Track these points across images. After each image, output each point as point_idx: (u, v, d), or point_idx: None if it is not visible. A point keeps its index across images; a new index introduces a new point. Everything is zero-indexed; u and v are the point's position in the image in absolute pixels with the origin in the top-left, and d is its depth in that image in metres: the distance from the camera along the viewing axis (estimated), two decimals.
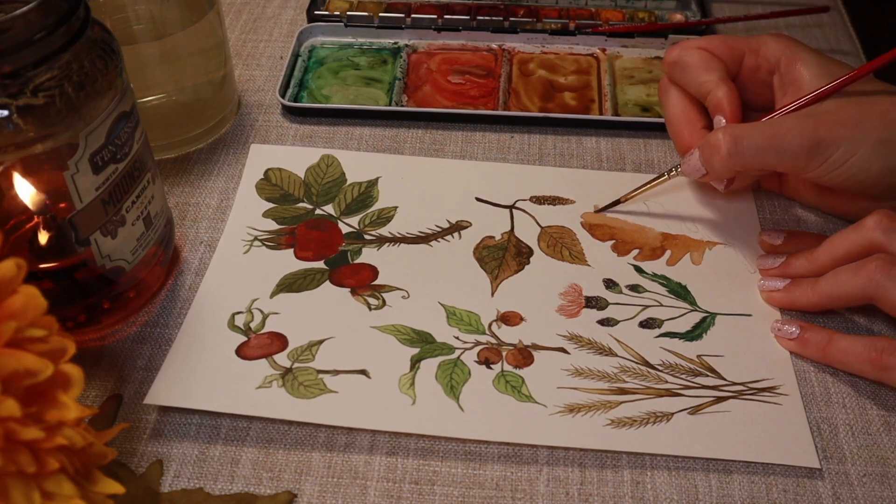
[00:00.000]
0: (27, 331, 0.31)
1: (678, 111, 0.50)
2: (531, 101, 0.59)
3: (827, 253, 0.44)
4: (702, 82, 0.48)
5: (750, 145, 0.44)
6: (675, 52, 0.50)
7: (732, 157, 0.44)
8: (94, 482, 0.33)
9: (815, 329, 0.44)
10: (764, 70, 0.49)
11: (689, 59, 0.49)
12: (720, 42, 0.49)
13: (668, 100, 0.51)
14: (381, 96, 0.59)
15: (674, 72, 0.50)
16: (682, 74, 0.49)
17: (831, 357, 0.43)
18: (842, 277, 0.43)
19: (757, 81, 0.50)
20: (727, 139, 0.44)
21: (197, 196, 0.53)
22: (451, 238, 0.50)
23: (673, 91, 0.51)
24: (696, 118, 0.49)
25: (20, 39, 0.35)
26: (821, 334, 0.43)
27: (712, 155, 0.45)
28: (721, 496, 0.39)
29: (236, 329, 0.45)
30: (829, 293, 0.43)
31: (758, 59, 0.49)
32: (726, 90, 0.47)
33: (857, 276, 0.42)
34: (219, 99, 0.56)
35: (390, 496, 0.39)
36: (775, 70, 0.49)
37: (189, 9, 0.52)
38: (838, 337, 0.43)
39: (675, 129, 0.50)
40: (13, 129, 0.36)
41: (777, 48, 0.48)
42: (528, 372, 0.43)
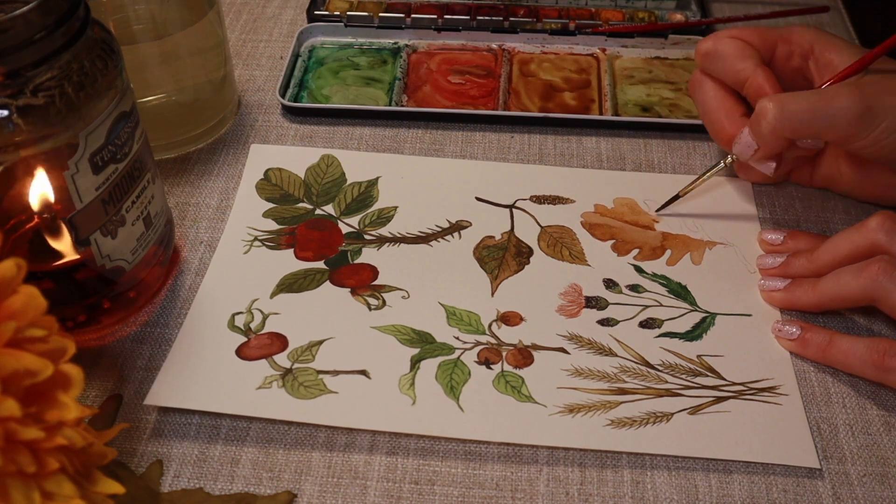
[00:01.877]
0: (27, 331, 0.31)
1: (715, 102, 0.50)
2: (531, 101, 0.59)
3: (828, 253, 0.44)
4: (738, 69, 0.48)
5: (798, 108, 0.44)
6: (709, 43, 0.49)
7: (780, 121, 0.44)
8: (94, 482, 0.33)
9: (815, 330, 0.44)
10: (797, 56, 0.49)
11: (723, 48, 0.49)
12: (752, 31, 0.49)
13: (703, 92, 0.51)
14: (381, 96, 0.59)
15: (708, 62, 0.50)
16: (718, 64, 0.49)
17: (832, 358, 0.43)
18: (843, 278, 0.43)
19: (790, 69, 0.50)
20: (775, 104, 0.44)
21: (197, 196, 0.53)
22: (451, 238, 0.50)
23: (707, 83, 0.50)
24: (734, 107, 0.49)
25: (20, 39, 0.35)
26: (821, 335, 0.43)
27: (760, 122, 0.45)
28: (721, 496, 0.39)
29: (236, 329, 0.45)
30: (831, 294, 0.43)
31: (790, 46, 0.49)
32: (765, 74, 0.47)
33: (859, 277, 0.42)
34: (219, 99, 0.56)
35: (390, 496, 0.39)
36: (809, 55, 0.49)
37: (189, 9, 0.52)
38: (839, 338, 0.43)
39: (714, 120, 0.50)
40: (13, 129, 0.36)
41: (808, 35, 0.49)
42: (528, 372, 0.43)
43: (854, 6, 0.69)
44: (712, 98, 0.50)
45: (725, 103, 0.50)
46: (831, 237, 0.45)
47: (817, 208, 0.52)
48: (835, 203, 0.52)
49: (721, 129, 0.49)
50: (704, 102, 0.51)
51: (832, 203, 0.52)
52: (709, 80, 0.50)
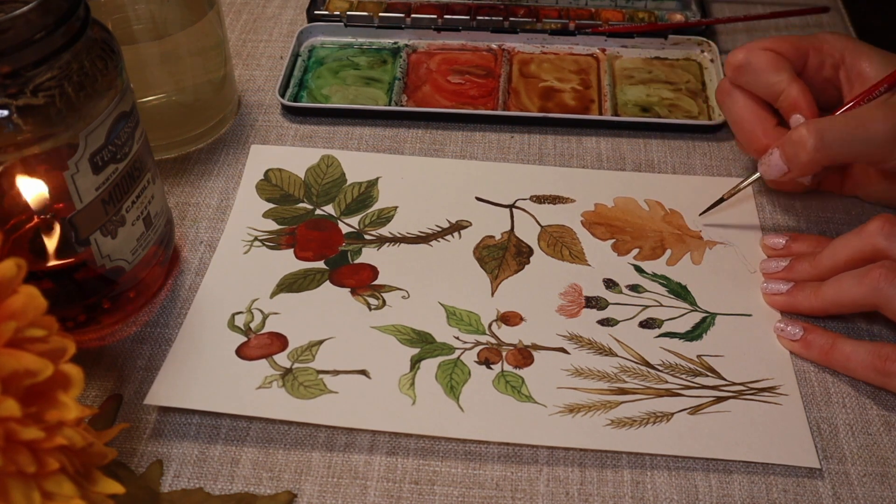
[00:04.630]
0: (27, 331, 0.31)
1: (747, 112, 0.49)
2: (531, 101, 0.59)
3: (829, 258, 0.44)
4: (772, 83, 0.48)
5: (836, 137, 0.44)
6: (741, 56, 0.49)
7: (819, 151, 0.44)
8: (94, 482, 0.33)
9: (818, 332, 0.44)
10: (828, 66, 0.49)
11: (756, 61, 0.48)
12: (784, 42, 0.49)
13: (734, 103, 0.50)
14: (380, 96, 0.59)
15: (740, 75, 0.49)
16: (750, 77, 0.49)
17: (834, 361, 0.43)
18: (845, 284, 0.43)
19: (821, 79, 0.49)
20: (812, 133, 0.44)
21: (197, 196, 0.53)
22: (451, 238, 0.50)
23: (737, 94, 0.50)
24: (768, 117, 0.49)
25: (20, 39, 0.35)
26: (824, 337, 0.43)
27: (797, 151, 0.45)
28: (721, 496, 0.39)
29: (236, 329, 0.45)
30: (833, 299, 0.43)
31: (821, 56, 0.49)
32: (799, 88, 0.47)
33: (861, 283, 0.42)
34: (219, 99, 0.56)
35: (390, 496, 0.39)
36: (840, 65, 0.49)
37: (189, 9, 0.52)
38: (842, 341, 0.43)
39: (748, 130, 0.50)
40: (13, 129, 0.36)
41: (838, 44, 0.49)
42: (528, 372, 0.43)
43: (854, 6, 0.69)
44: (743, 108, 0.50)
45: (758, 114, 0.49)
46: (833, 241, 0.45)
47: (817, 208, 0.52)
48: (835, 203, 0.52)
49: (755, 140, 0.49)
50: (735, 113, 0.50)
51: (832, 203, 0.52)
52: (739, 90, 0.50)
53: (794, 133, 0.45)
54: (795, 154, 0.45)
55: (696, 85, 0.60)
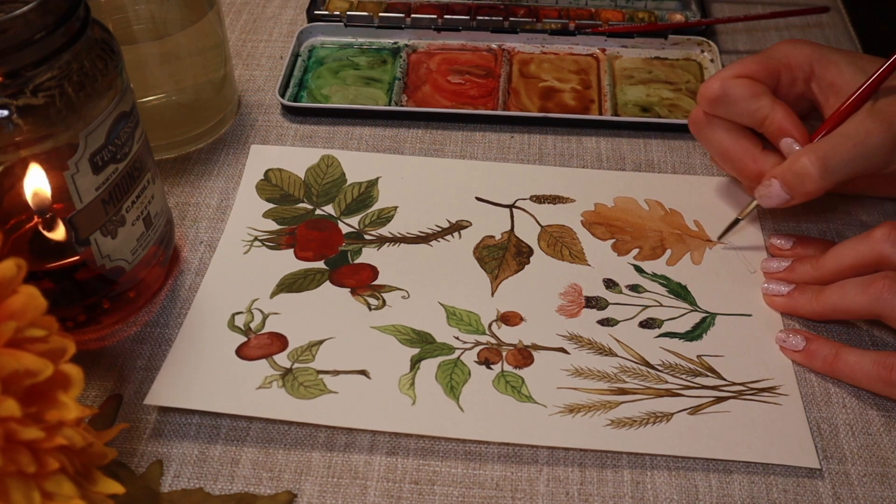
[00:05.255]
0: (27, 331, 0.31)
1: (730, 143, 0.48)
2: (531, 101, 0.59)
3: (833, 262, 0.44)
4: (754, 110, 0.47)
5: (839, 162, 0.43)
6: (716, 87, 0.47)
7: (825, 179, 0.44)
8: (94, 482, 0.33)
9: (821, 341, 0.43)
10: (800, 81, 0.48)
11: (734, 91, 0.47)
12: (756, 65, 0.48)
13: (713, 133, 0.49)
14: (380, 96, 0.59)
15: (717, 107, 0.48)
16: (730, 108, 0.47)
17: (838, 371, 0.42)
18: (849, 292, 0.42)
19: (795, 95, 0.49)
20: (816, 162, 0.44)
21: (197, 196, 0.53)
22: (451, 238, 0.50)
23: (715, 123, 0.49)
24: (752, 145, 0.48)
25: (20, 39, 0.35)
26: (827, 347, 0.43)
27: (803, 182, 0.44)
28: (721, 496, 0.39)
29: (236, 329, 0.45)
30: (834, 305, 0.43)
31: (791, 72, 0.48)
32: (783, 111, 0.46)
33: (865, 292, 0.41)
34: (219, 99, 0.56)
35: (390, 496, 0.39)
36: (811, 78, 0.48)
37: (189, 9, 0.52)
38: (846, 351, 0.42)
39: (735, 159, 0.48)
40: (13, 129, 0.36)
41: (803, 55, 0.48)
42: (527, 372, 0.43)
43: (854, 6, 0.69)
44: (725, 138, 0.48)
45: (742, 143, 0.48)
46: (837, 245, 0.44)
47: (817, 208, 0.52)
48: (834, 203, 0.52)
49: (745, 168, 0.48)
50: (717, 144, 0.49)
51: (832, 203, 0.52)
52: (716, 120, 0.49)
53: (796, 164, 0.44)
54: (801, 184, 0.44)
55: (696, 85, 0.60)
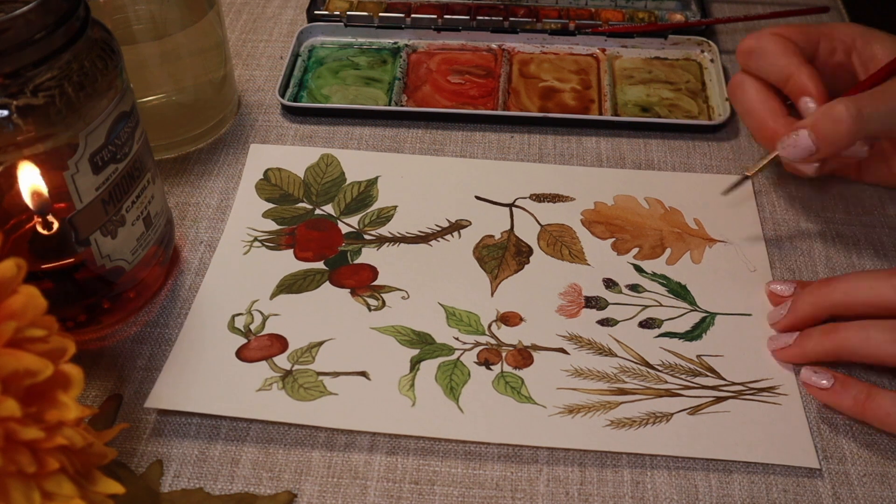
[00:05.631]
0: (27, 331, 0.31)
1: (757, 101, 0.49)
2: (531, 101, 0.59)
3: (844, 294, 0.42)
4: (781, 66, 0.47)
5: (873, 112, 0.43)
6: (751, 41, 0.48)
7: (858, 124, 0.43)
8: (94, 482, 0.33)
9: (851, 381, 0.40)
10: (840, 52, 0.49)
11: (766, 45, 0.48)
12: (795, 28, 0.49)
13: (744, 92, 0.50)
14: (380, 96, 0.59)
15: (750, 60, 0.49)
16: (760, 62, 0.48)
17: (869, 414, 0.40)
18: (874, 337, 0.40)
19: (833, 64, 0.49)
20: (851, 108, 0.43)
21: (197, 196, 0.53)
22: (450, 237, 0.50)
23: (748, 82, 0.49)
24: (778, 107, 0.49)
25: (20, 39, 0.35)
26: (858, 387, 0.40)
27: (836, 127, 0.44)
28: (721, 496, 0.39)
29: (236, 331, 0.45)
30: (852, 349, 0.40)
31: (832, 42, 0.49)
32: (809, 72, 0.47)
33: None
34: (219, 99, 0.56)
35: (390, 496, 0.39)
36: (852, 50, 0.49)
37: (189, 9, 0.52)
38: (879, 393, 0.40)
39: (758, 119, 0.49)
40: (13, 129, 0.36)
41: (849, 30, 0.49)
42: (527, 373, 0.43)
43: (854, 6, 0.69)
44: (755, 98, 0.49)
45: (769, 103, 0.49)
46: (850, 275, 0.43)
47: (817, 208, 0.52)
48: (835, 203, 0.52)
49: (765, 128, 0.48)
50: (746, 102, 0.50)
51: (832, 203, 0.52)
52: (750, 79, 0.49)
53: (832, 110, 0.44)
54: (834, 130, 0.44)
55: (696, 85, 0.60)
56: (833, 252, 0.50)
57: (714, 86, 0.60)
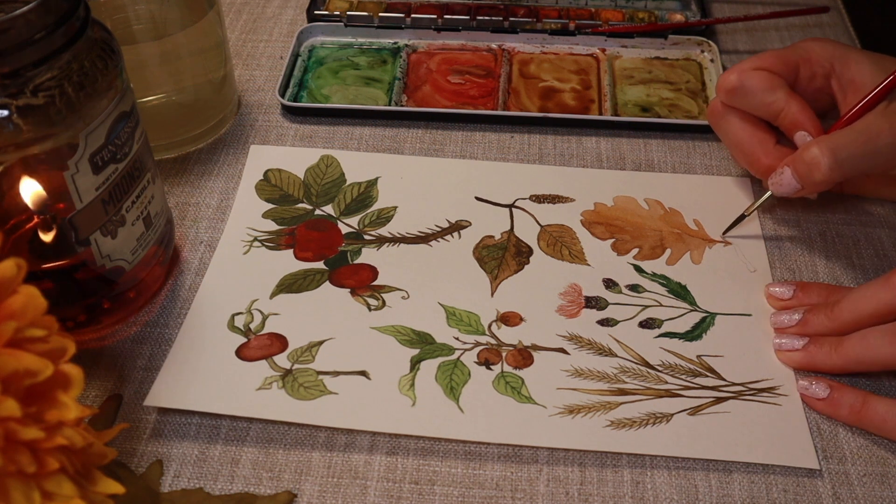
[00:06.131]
0: (27, 331, 0.31)
1: (746, 134, 0.49)
2: (531, 101, 0.59)
3: (850, 311, 0.42)
4: (769, 102, 0.47)
5: (848, 154, 0.43)
6: (733, 78, 0.48)
7: (834, 170, 0.44)
8: (94, 482, 0.33)
9: (846, 390, 0.41)
10: (819, 76, 0.49)
11: (750, 83, 0.47)
12: (773, 57, 0.48)
13: (729, 125, 0.49)
14: (380, 96, 0.59)
15: (734, 98, 0.48)
16: (746, 99, 0.48)
17: (866, 421, 0.40)
18: (873, 343, 0.40)
19: (813, 89, 0.49)
20: (826, 153, 0.44)
21: (197, 196, 0.53)
22: (450, 238, 0.50)
23: (731, 115, 0.49)
24: (767, 137, 0.48)
25: (20, 39, 0.35)
26: (853, 395, 0.41)
27: (811, 171, 0.44)
28: (721, 496, 0.39)
29: (236, 330, 0.45)
30: (858, 357, 0.41)
31: (811, 66, 0.48)
32: (798, 105, 0.47)
33: (893, 343, 0.39)
34: (219, 99, 0.56)
35: (390, 496, 0.39)
36: (830, 74, 0.48)
37: (189, 9, 0.52)
38: (874, 400, 0.40)
39: (748, 152, 0.49)
40: (13, 129, 0.36)
41: (825, 52, 0.48)
42: (527, 373, 0.43)
43: (854, 6, 0.69)
44: (741, 129, 0.49)
45: (757, 135, 0.48)
46: (852, 292, 0.42)
47: (816, 208, 0.52)
48: (834, 204, 0.52)
49: (757, 161, 0.49)
50: (732, 135, 0.49)
51: (832, 203, 0.52)
52: (733, 112, 0.49)
53: (807, 154, 0.44)
54: (809, 174, 0.45)
55: (696, 85, 0.60)
56: (833, 252, 0.50)
57: (714, 86, 0.60)
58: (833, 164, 0.44)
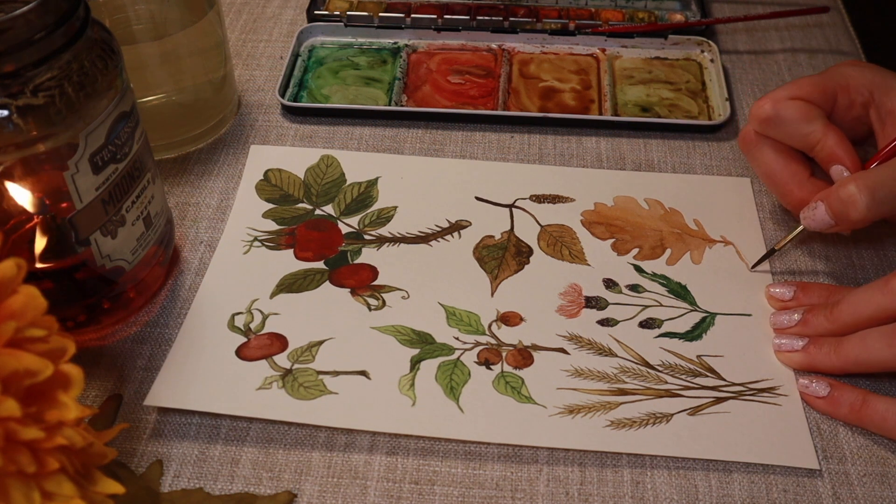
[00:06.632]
0: (27, 331, 0.31)
1: (779, 166, 0.47)
2: (531, 101, 0.59)
3: (850, 313, 0.42)
4: (805, 134, 0.46)
5: (887, 194, 0.42)
6: (767, 107, 0.46)
7: (871, 210, 0.42)
8: (94, 482, 0.33)
9: (846, 388, 0.41)
10: (858, 105, 0.47)
11: (786, 113, 0.46)
12: (811, 87, 0.46)
13: (763, 155, 0.48)
14: (380, 96, 0.59)
15: (769, 128, 0.47)
16: (781, 129, 0.46)
17: (866, 420, 0.40)
18: (871, 344, 0.40)
19: (851, 118, 0.47)
20: (863, 191, 0.42)
21: (197, 196, 0.53)
22: (450, 238, 0.50)
23: (765, 145, 0.48)
24: (800, 169, 0.47)
25: (20, 39, 0.35)
26: (853, 394, 0.41)
27: (848, 210, 0.43)
28: (721, 496, 0.39)
29: (236, 330, 0.45)
30: (856, 359, 0.41)
31: (850, 95, 0.47)
32: (836, 138, 0.45)
33: (891, 345, 0.39)
34: (219, 99, 0.56)
35: (390, 496, 0.39)
36: (870, 103, 0.47)
37: (189, 9, 0.52)
38: (874, 399, 0.40)
39: (781, 184, 0.48)
40: (13, 129, 0.36)
41: (865, 80, 0.46)
42: (527, 373, 0.43)
43: (854, 6, 0.69)
44: (775, 161, 0.47)
45: (791, 167, 0.47)
46: (852, 293, 0.42)
47: None
48: None
49: (790, 194, 0.47)
50: (765, 165, 0.48)
51: None
52: (767, 141, 0.48)
53: (843, 191, 0.43)
54: (844, 211, 0.43)
55: (696, 85, 0.60)
56: (833, 252, 0.50)
57: (714, 86, 0.60)
58: (871, 203, 0.42)
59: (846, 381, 0.43)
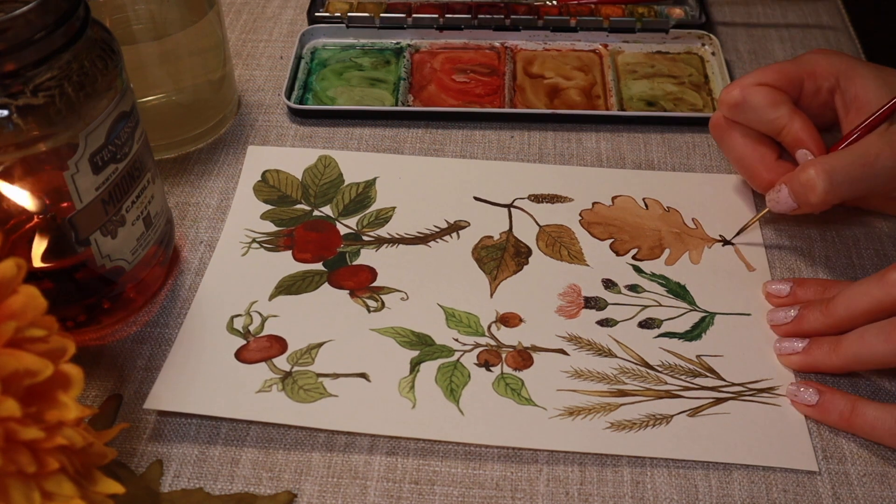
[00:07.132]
0: (27, 331, 0.31)
1: (747, 149, 0.49)
2: (537, 98, 0.59)
3: (845, 308, 0.42)
4: (772, 119, 0.47)
5: (844, 177, 0.43)
6: (735, 93, 0.47)
7: (829, 193, 0.43)
8: (94, 482, 0.33)
9: (836, 394, 0.41)
10: (824, 91, 0.48)
11: (753, 98, 0.47)
12: (778, 73, 0.48)
13: (732, 139, 0.49)
14: (386, 97, 0.59)
15: (737, 113, 0.48)
16: (748, 114, 0.48)
17: (856, 427, 0.40)
18: (869, 341, 0.40)
19: (817, 104, 0.48)
20: (821, 175, 0.43)
21: (197, 196, 0.53)
22: (449, 238, 0.50)
23: (734, 130, 0.49)
24: (767, 152, 0.48)
25: (20, 39, 0.35)
26: (843, 401, 0.41)
27: (807, 193, 0.44)
28: (721, 496, 0.39)
29: (235, 332, 0.45)
30: (856, 356, 0.41)
31: (816, 81, 0.48)
32: (801, 122, 0.46)
33: (889, 340, 0.39)
34: (219, 99, 0.56)
35: (390, 496, 0.39)
36: (835, 89, 0.48)
37: (189, 9, 0.52)
38: (863, 405, 0.40)
39: (748, 167, 0.49)
40: (13, 129, 0.36)
41: (831, 67, 0.48)
42: (527, 374, 0.43)
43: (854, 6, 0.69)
44: (743, 145, 0.49)
45: (758, 150, 0.48)
46: (847, 288, 0.42)
47: None
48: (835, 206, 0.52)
49: (757, 176, 0.49)
50: (734, 149, 0.49)
51: None
52: (736, 126, 0.49)
53: (803, 175, 0.44)
54: (804, 195, 0.44)
55: (698, 78, 0.60)
56: (833, 252, 0.50)
57: (717, 79, 0.60)
58: (828, 186, 0.43)
59: (845, 381, 0.43)
